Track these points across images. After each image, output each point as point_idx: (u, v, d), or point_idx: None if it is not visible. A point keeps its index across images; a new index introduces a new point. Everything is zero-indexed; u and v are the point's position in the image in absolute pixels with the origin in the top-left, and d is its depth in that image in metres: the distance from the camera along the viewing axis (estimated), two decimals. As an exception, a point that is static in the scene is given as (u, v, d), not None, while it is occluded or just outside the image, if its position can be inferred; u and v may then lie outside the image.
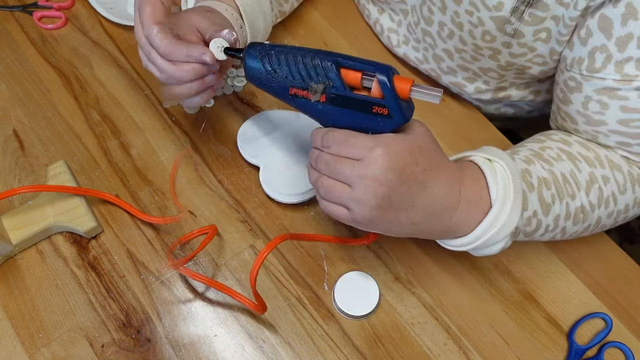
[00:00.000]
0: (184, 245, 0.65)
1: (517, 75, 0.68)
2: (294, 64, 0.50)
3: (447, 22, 0.64)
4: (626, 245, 0.97)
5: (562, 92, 0.61)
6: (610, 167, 0.59)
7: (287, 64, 0.51)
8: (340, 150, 0.48)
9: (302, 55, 0.50)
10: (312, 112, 0.52)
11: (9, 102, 0.74)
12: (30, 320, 0.61)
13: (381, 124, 0.48)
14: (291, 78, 0.51)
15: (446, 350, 0.61)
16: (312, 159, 0.51)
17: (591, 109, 0.58)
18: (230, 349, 0.60)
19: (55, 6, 0.81)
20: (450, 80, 0.74)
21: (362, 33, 0.81)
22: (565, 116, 0.62)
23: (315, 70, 0.49)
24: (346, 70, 0.49)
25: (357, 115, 0.49)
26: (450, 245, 0.55)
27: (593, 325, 0.62)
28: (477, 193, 0.52)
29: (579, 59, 0.57)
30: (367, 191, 0.47)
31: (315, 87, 0.50)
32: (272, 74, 0.52)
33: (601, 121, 0.58)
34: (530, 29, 0.58)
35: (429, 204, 0.50)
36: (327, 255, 0.65)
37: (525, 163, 0.56)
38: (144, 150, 0.71)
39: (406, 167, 0.47)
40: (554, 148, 0.59)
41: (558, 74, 0.62)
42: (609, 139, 0.59)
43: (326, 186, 0.49)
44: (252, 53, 0.53)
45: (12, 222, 0.63)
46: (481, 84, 0.72)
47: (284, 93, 0.52)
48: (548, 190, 0.55)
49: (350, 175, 0.47)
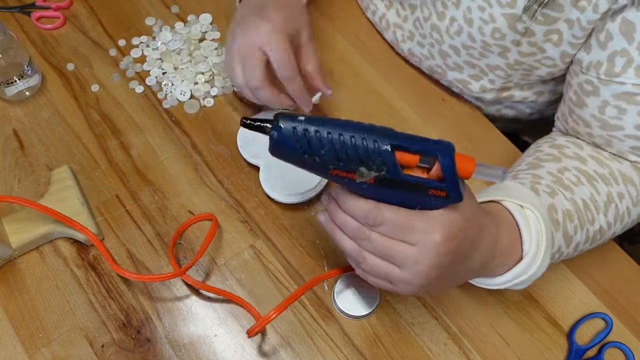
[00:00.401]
0: (186, 246, 0.65)
1: (524, 76, 0.68)
2: (341, 147, 0.42)
3: (459, 18, 0.64)
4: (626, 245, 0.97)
5: (577, 95, 0.60)
6: (624, 182, 0.59)
7: (332, 146, 0.42)
8: (393, 233, 0.45)
9: (351, 137, 0.42)
10: (354, 189, 0.46)
11: (8, 102, 0.74)
12: (30, 321, 0.61)
13: (434, 202, 0.44)
14: (335, 161, 0.43)
15: (446, 350, 0.61)
16: (347, 228, 0.47)
17: (608, 113, 0.57)
18: (230, 349, 0.60)
19: (54, 6, 0.81)
20: (455, 77, 0.73)
21: (363, 33, 0.81)
22: (578, 119, 0.61)
23: (368, 154, 0.42)
24: (402, 152, 0.42)
25: (409, 195, 0.44)
26: (479, 283, 0.55)
27: (593, 325, 0.62)
28: (510, 247, 0.51)
29: (597, 62, 0.56)
30: (420, 276, 0.46)
31: (366, 172, 0.43)
32: (309, 156, 0.43)
33: (618, 126, 0.58)
34: (541, 28, 0.58)
35: (470, 270, 0.50)
36: (327, 255, 0.65)
37: (549, 196, 0.55)
38: (144, 150, 0.71)
39: (458, 248, 0.46)
40: (572, 169, 0.59)
41: (571, 76, 0.61)
42: (624, 144, 0.59)
43: (371, 264, 0.47)
44: (284, 132, 0.43)
45: (13, 226, 0.63)
46: (486, 82, 0.71)
47: (321, 172, 0.45)
48: (571, 223, 0.55)
49: (403, 260, 0.45)
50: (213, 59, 0.77)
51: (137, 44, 0.79)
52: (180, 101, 0.75)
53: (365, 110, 0.75)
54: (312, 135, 0.42)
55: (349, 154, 0.42)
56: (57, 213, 0.61)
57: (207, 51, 0.78)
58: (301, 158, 0.44)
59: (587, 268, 0.65)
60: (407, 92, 0.77)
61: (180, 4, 0.82)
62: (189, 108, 0.74)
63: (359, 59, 0.79)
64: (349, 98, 0.76)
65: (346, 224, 0.47)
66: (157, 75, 0.76)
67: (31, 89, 0.74)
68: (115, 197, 0.68)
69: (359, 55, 0.79)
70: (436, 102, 0.77)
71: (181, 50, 0.78)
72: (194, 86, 0.75)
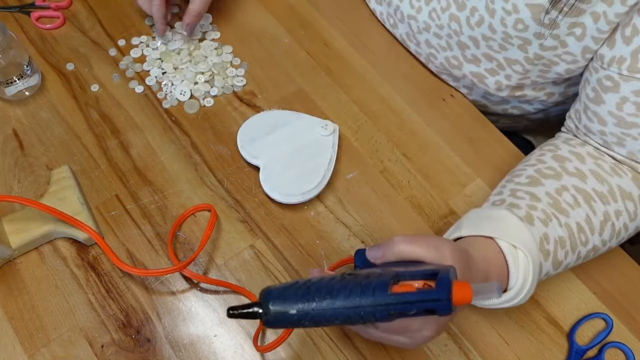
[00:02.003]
0: (186, 246, 0.65)
1: (541, 72, 0.67)
2: (338, 321, 0.43)
3: (480, 8, 0.63)
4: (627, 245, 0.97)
5: (594, 91, 0.60)
6: (622, 199, 0.59)
7: (327, 321, 0.43)
8: (389, 331, 0.49)
9: (346, 315, 0.42)
10: None
11: (8, 101, 0.74)
12: (30, 321, 0.61)
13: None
14: (332, 324, 0.44)
15: (446, 350, 0.61)
16: (357, 328, 0.51)
17: (626, 110, 0.57)
18: (230, 349, 0.60)
19: (53, 6, 0.81)
20: (471, 70, 0.72)
21: (363, 33, 0.81)
22: (593, 116, 0.61)
23: (365, 322, 0.43)
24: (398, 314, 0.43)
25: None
26: None
27: (593, 325, 0.62)
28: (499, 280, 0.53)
29: (620, 57, 0.56)
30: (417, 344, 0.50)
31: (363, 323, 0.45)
32: (305, 326, 0.44)
33: (634, 123, 0.57)
34: (566, 20, 0.57)
35: None
36: (327, 255, 0.65)
37: (543, 225, 0.55)
38: (144, 150, 0.71)
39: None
40: (570, 188, 0.58)
41: (590, 73, 0.61)
42: (637, 143, 0.58)
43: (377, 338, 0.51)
44: (274, 316, 0.44)
45: (13, 226, 0.63)
46: (502, 78, 0.70)
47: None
48: (562, 249, 0.56)
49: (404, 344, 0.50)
50: (213, 59, 0.77)
51: (137, 44, 0.79)
52: (180, 101, 0.75)
53: (366, 110, 0.75)
54: (307, 321, 0.43)
55: (346, 322, 0.43)
56: (58, 211, 0.61)
57: (207, 51, 0.77)
58: (298, 323, 0.44)
59: (587, 268, 0.65)
60: (407, 92, 0.77)
61: (180, 4, 0.82)
62: (188, 108, 0.74)
63: (359, 58, 0.79)
64: (348, 98, 0.76)
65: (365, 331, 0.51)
66: (157, 75, 0.76)
67: (31, 88, 0.74)
68: (115, 197, 0.68)
69: (358, 55, 0.79)
70: (436, 102, 0.77)
71: (181, 50, 0.77)
72: (194, 86, 0.75)
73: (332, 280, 0.44)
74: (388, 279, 0.42)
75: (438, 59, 0.75)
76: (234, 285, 0.63)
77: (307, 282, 0.45)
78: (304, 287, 0.44)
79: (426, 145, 0.73)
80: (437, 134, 0.74)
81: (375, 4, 0.81)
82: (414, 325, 0.47)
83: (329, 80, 0.77)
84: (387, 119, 0.75)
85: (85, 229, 0.62)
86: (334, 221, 0.67)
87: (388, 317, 0.42)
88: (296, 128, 0.70)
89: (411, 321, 0.47)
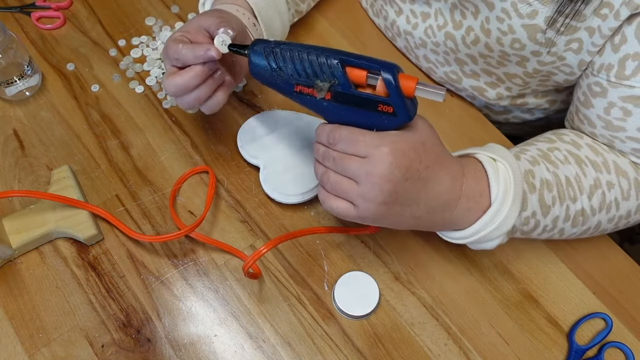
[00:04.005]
0: (184, 245, 0.65)
1: (541, 82, 0.67)
2: (300, 62, 0.50)
3: (476, 28, 0.64)
4: (626, 245, 0.97)
5: (585, 95, 0.61)
6: (616, 173, 0.59)
7: (293, 61, 0.51)
8: (347, 147, 0.49)
9: (308, 53, 0.50)
10: (317, 109, 0.52)
11: (8, 101, 0.74)
12: (30, 321, 0.61)
13: (386, 121, 0.49)
14: (296, 76, 0.51)
15: (446, 350, 0.61)
16: (318, 154, 0.52)
17: (613, 114, 0.58)
18: (230, 349, 0.60)
19: (54, 6, 0.81)
20: (471, 84, 0.72)
21: (363, 34, 0.81)
22: (583, 118, 0.62)
23: (321, 68, 0.49)
24: (351, 68, 0.49)
25: (362, 112, 0.49)
26: (449, 237, 0.57)
27: (593, 325, 0.62)
28: (477, 191, 0.53)
29: (608, 65, 0.56)
30: (373, 188, 0.48)
31: (321, 85, 0.50)
32: (277, 72, 0.52)
33: (621, 127, 0.58)
34: (563, 38, 0.58)
35: (431, 199, 0.51)
36: (327, 255, 0.65)
37: (530, 164, 0.56)
38: (144, 150, 0.71)
39: (411, 165, 0.49)
40: (563, 150, 0.59)
41: (582, 78, 0.62)
42: (625, 145, 0.59)
43: (333, 181, 0.51)
44: (257, 50, 0.53)
45: (14, 225, 0.63)
46: (503, 90, 0.71)
47: (289, 90, 0.52)
48: (549, 192, 0.56)
49: (357, 172, 0.49)
50: (213, 59, 0.77)
51: (137, 44, 0.79)
52: (180, 101, 0.75)
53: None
54: (278, 52, 0.51)
55: (305, 67, 0.50)
56: (64, 198, 0.62)
57: (207, 51, 0.77)
58: (271, 75, 0.52)
59: (587, 268, 0.65)
60: (407, 92, 0.77)
61: (180, 4, 0.83)
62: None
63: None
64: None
65: (317, 150, 0.53)
66: (157, 75, 0.76)
67: (31, 89, 0.74)
68: (116, 197, 0.68)
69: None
70: (436, 102, 0.77)
71: (181, 50, 0.78)
72: (194, 86, 0.75)
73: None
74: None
75: (437, 73, 0.75)
76: (236, 250, 0.64)
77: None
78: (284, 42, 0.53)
79: (426, 145, 0.73)
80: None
81: (373, 15, 0.81)
82: (370, 135, 0.48)
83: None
84: (387, 119, 0.75)
85: (92, 209, 0.63)
86: (334, 221, 0.67)
87: (338, 62, 0.48)
88: (296, 128, 0.70)
89: (370, 133, 0.49)
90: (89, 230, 0.63)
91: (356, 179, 0.49)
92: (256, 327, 0.61)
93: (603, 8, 0.53)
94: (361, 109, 0.49)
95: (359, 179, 0.49)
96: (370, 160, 0.48)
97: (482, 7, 0.61)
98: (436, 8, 0.68)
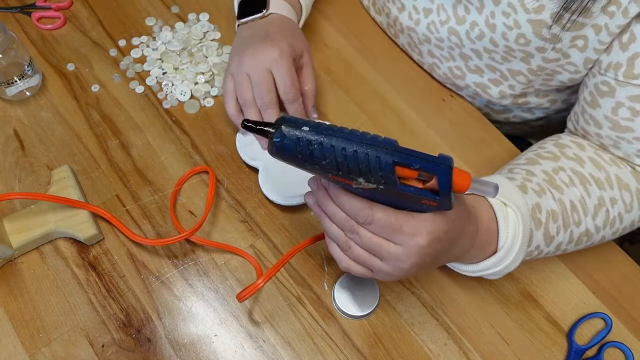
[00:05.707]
0: (185, 251, 0.65)
1: (545, 81, 0.67)
2: (342, 160, 0.41)
3: (480, 23, 0.63)
4: (626, 245, 0.97)
5: (591, 95, 0.60)
6: (619, 188, 0.59)
7: (334, 158, 0.42)
8: (382, 232, 0.46)
9: (353, 151, 0.41)
10: (349, 189, 0.46)
11: (9, 102, 0.74)
12: (31, 320, 0.61)
13: (424, 208, 0.45)
14: (334, 170, 0.42)
15: (446, 350, 0.61)
16: (338, 220, 0.48)
17: (621, 114, 0.58)
18: (230, 349, 0.60)
19: (54, 6, 0.82)
20: (475, 80, 0.72)
21: (363, 33, 0.81)
22: (589, 119, 0.62)
23: (369, 169, 0.42)
24: (402, 167, 0.42)
25: (402, 201, 0.45)
26: (452, 266, 0.58)
27: (593, 325, 0.62)
28: (488, 240, 0.53)
29: (617, 64, 0.56)
30: (400, 271, 0.48)
31: (364, 183, 0.43)
32: (309, 162, 0.43)
33: (628, 128, 0.58)
34: (568, 34, 0.58)
35: (446, 260, 0.53)
36: (327, 255, 0.65)
37: (536, 195, 0.56)
38: (144, 150, 0.71)
39: (442, 247, 0.48)
40: (567, 169, 0.59)
41: (588, 78, 0.61)
42: (631, 146, 0.59)
43: (357, 254, 0.49)
44: (285, 136, 0.42)
45: (14, 225, 0.63)
46: (506, 87, 0.71)
47: (319, 174, 0.45)
48: (554, 223, 0.56)
49: (387, 257, 0.47)
50: (213, 59, 0.77)
51: (137, 44, 0.79)
52: (181, 101, 0.75)
53: (365, 110, 0.75)
54: (315, 147, 0.42)
55: (350, 167, 0.42)
56: (65, 199, 0.62)
57: (207, 51, 0.78)
58: (301, 164, 0.44)
59: (587, 268, 0.65)
60: (407, 92, 0.77)
61: (180, 4, 0.83)
62: (189, 108, 0.74)
63: (359, 59, 0.79)
64: (348, 98, 0.76)
65: (336, 215, 0.48)
66: (157, 76, 0.76)
67: (31, 89, 0.74)
68: (116, 197, 0.68)
69: (359, 56, 0.79)
70: (436, 102, 0.77)
71: (181, 50, 0.78)
72: (194, 86, 0.76)
73: (344, 127, 0.43)
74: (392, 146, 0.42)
75: (441, 69, 0.75)
76: (237, 249, 0.64)
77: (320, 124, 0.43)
78: (317, 124, 0.43)
79: (426, 145, 0.73)
80: (437, 134, 0.74)
81: (375, 13, 0.81)
82: (408, 224, 0.45)
83: (329, 80, 0.77)
84: (387, 119, 0.75)
85: (93, 209, 0.63)
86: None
87: (390, 165, 0.41)
88: (296, 128, 0.70)
89: (406, 219, 0.45)
90: (89, 230, 0.63)
91: (383, 259, 0.48)
92: (256, 327, 0.61)
93: (611, 5, 0.53)
94: (401, 199, 0.44)
95: (386, 260, 0.47)
96: (403, 249, 0.46)
97: (488, 2, 0.61)
98: (438, 4, 0.68)
